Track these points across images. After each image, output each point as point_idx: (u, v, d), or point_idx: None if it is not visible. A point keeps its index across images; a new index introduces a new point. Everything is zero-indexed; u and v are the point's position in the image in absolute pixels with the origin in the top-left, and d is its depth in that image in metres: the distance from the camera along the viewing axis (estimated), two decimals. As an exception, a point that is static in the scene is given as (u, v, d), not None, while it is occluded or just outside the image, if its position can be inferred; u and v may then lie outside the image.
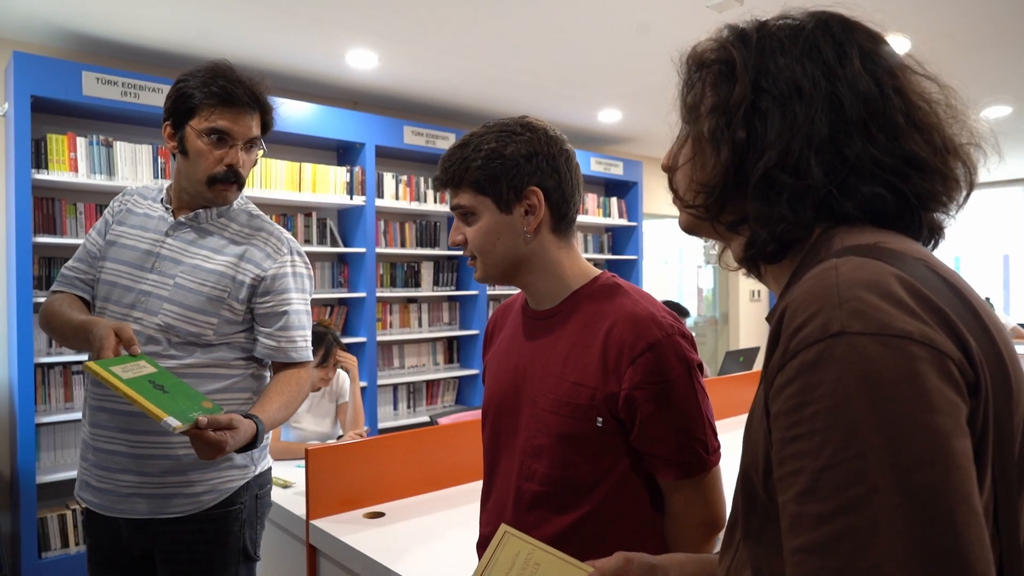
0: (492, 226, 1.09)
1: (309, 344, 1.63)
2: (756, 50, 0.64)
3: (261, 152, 1.60)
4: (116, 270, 1.52)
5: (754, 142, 0.62)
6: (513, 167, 1.07)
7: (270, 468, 1.66)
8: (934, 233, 0.67)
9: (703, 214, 0.68)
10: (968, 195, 0.66)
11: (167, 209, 1.56)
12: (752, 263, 0.68)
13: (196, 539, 1.49)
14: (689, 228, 0.73)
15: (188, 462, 1.47)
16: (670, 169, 0.73)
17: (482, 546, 1.20)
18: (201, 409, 1.29)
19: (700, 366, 1.07)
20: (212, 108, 1.46)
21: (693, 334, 1.15)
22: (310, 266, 1.66)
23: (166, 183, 1.64)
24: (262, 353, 1.58)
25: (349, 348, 4.19)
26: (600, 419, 1.03)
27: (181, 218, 1.54)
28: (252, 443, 1.38)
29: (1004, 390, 0.52)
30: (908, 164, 0.60)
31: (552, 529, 1.07)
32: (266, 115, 1.55)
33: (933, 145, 0.61)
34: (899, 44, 0.69)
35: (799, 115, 0.60)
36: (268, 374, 1.63)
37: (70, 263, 1.60)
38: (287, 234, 1.63)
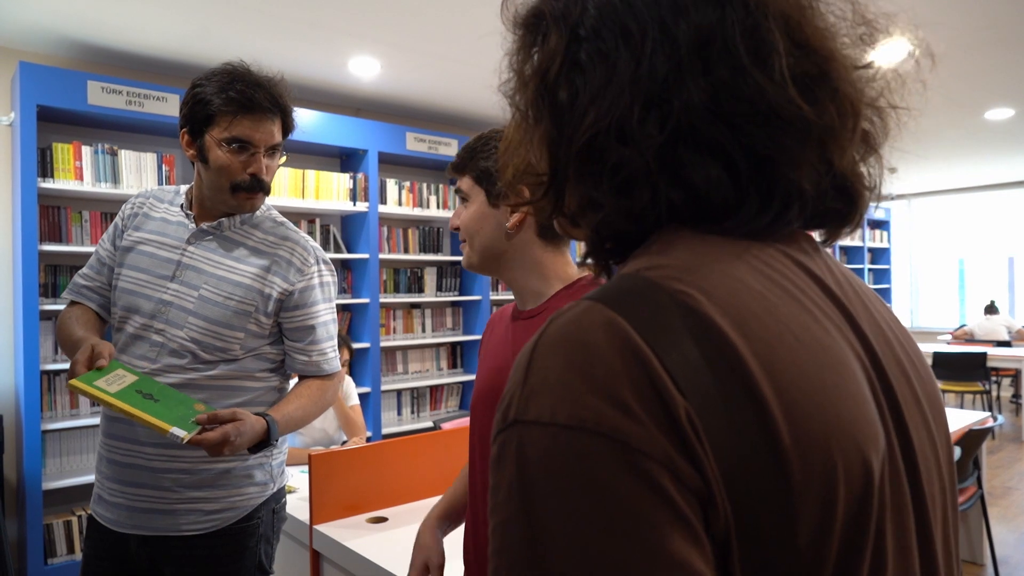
0: (478, 215, 1.16)
1: (337, 354, 1.61)
2: None
3: (283, 159, 1.54)
4: (134, 278, 1.47)
5: (577, 106, 0.48)
6: None
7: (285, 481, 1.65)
8: (836, 191, 0.49)
9: (547, 209, 0.53)
10: (849, 140, 0.47)
11: (188, 216, 1.50)
12: (597, 264, 0.54)
13: (213, 555, 1.45)
14: (563, 233, 0.59)
15: (208, 478, 1.43)
16: (503, 163, 0.57)
17: (469, 540, 1.20)
18: (195, 412, 1.28)
19: None
20: (232, 115, 1.39)
21: None
22: (335, 271, 1.62)
23: (183, 186, 1.58)
24: (295, 368, 1.56)
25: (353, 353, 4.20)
26: None
27: (204, 226, 1.49)
28: (265, 441, 1.36)
29: (775, 498, 0.38)
30: (750, 106, 0.45)
31: None
32: (287, 118, 1.48)
33: (772, 76, 0.45)
34: (899, 45, 0.67)
35: (623, 61, 0.46)
36: (288, 386, 1.61)
37: (82, 270, 1.56)
38: (312, 242, 1.58)
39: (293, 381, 1.63)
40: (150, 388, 1.29)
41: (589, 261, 0.54)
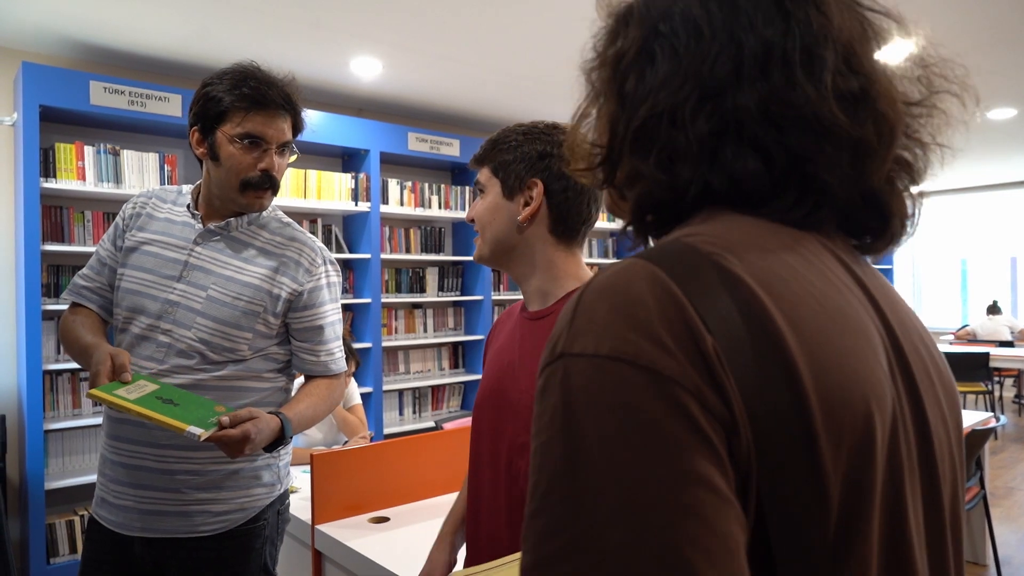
0: (492, 205, 1.17)
1: (343, 354, 1.62)
2: None
3: (294, 156, 1.54)
4: (139, 278, 1.46)
5: (641, 90, 0.54)
6: (523, 159, 1.15)
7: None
8: (869, 203, 0.54)
9: (595, 178, 0.60)
10: (885, 154, 0.52)
11: (194, 216, 1.50)
12: (637, 235, 0.59)
13: (220, 556, 1.45)
14: (609, 208, 0.65)
15: (216, 479, 1.44)
16: (571, 135, 0.64)
17: (472, 544, 1.21)
18: (216, 414, 1.29)
19: None
20: (244, 112, 1.40)
21: None
22: (340, 271, 1.63)
23: (185, 186, 1.58)
24: (303, 369, 1.56)
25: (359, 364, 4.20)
26: None
27: (211, 226, 1.48)
28: (279, 440, 1.37)
29: (793, 431, 0.42)
30: (793, 112, 0.50)
31: None
32: (297, 117, 1.50)
33: (820, 84, 0.51)
34: (903, 45, 0.67)
35: (691, 58, 0.52)
36: (293, 388, 1.61)
37: (82, 270, 1.55)
38: (318, 242, 1.58)
39: (297, 383, 1.63)
40: (171, 394, 1.30)
41: (629, 230, 0.60)
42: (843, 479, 0.43)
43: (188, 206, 1.52)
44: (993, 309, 7.40)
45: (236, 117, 1.41)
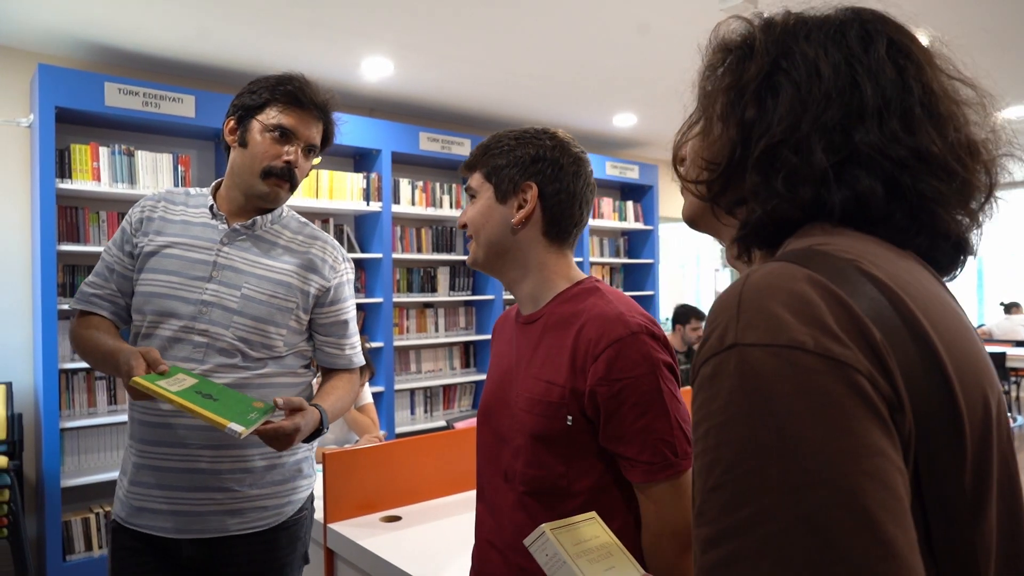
0: (485, 209, 1.18)
1: (360, 347, 1.68)
2: (780, 32, 0.62)
3: (317, 160, 1.60)
4: (165, 281, 1.45)
5: (763, 119, 0.59)
6: (517, 163, 1.16)
7: None
8: (952, 242, 0.60)
9: (705, 192, 0.65)
10: (986, 200, 0.61)
11: (218, 216, 1.51)
12: (744, 245, 0.63)
13: (271, 548, 1.49)
14: (690, 217, 0.70)
15: (266, 475, 1.47)
16: (678, 146, 0.71)
17: (479, 540, 1.22)
18: (254, 409, 1.29)
19: (671, 367, 1.07)
20: (282, 106, 1.47)
21: (667, 335, 1.17)
22: (354, 268, 1.68)
23: (193, 189, 1.59)
24: (329, 363, 1.61)
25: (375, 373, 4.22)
26: (570, 417, 1.06)
27: (236, 225, 1.50)
28: (318, 431, 1.42)
29: (944, 411, 0.49)
30: (916, 157, 0.56)
31: None
32: (328, 127, 1.56)
33: (946, 139, 0.58)
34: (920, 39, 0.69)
35: (814, 96, 0.58)
36: (316, 383, 1.65)
37: (88, 278, 1.52)
38: (336, 240, 1.65)
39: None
40: (209, 389, 1.31)
41: (737, 241, 0.64)
42: (973, 455, 0.50)
43: (212, 207, 1.52)
44: (1010, 308, 7.31)
45: (274, 110, 1.47)
